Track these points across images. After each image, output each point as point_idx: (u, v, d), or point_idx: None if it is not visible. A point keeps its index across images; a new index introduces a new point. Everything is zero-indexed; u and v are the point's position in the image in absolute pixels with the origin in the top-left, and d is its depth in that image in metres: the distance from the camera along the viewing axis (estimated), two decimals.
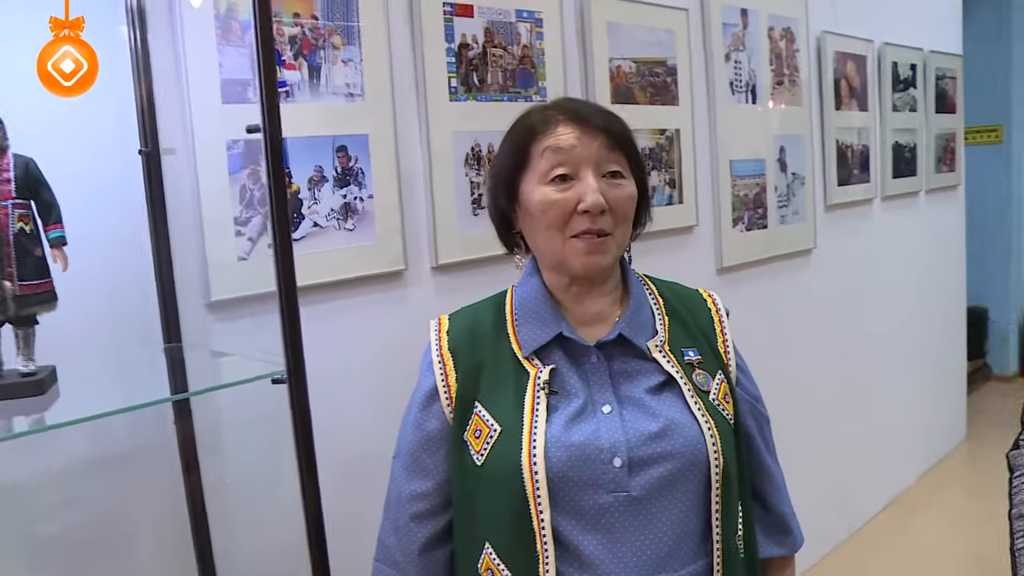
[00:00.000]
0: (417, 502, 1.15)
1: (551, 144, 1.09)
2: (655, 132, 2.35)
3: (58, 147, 1.26)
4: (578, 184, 1.08)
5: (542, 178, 1.10)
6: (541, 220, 1.10)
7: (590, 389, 1.08)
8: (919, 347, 3.89)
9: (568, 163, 1.09)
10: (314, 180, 1.62)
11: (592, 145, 1.09)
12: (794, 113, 2.93)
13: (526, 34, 2.00)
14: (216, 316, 1.50)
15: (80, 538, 1.35)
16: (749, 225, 2.71)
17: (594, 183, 1.08)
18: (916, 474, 3.90)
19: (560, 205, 1.08)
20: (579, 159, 1.09)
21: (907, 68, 3.70)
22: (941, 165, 4.05)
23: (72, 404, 1.14)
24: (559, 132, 1.10)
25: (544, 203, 1.09)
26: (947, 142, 4.11)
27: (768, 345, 2.82)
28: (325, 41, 1.63)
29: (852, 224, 3.34)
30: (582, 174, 1.09)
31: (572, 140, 1.09)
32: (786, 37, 2.88)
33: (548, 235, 1.10)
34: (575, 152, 1.09)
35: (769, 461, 1.23)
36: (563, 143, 1.09)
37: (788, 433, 2.93)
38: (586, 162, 1.09)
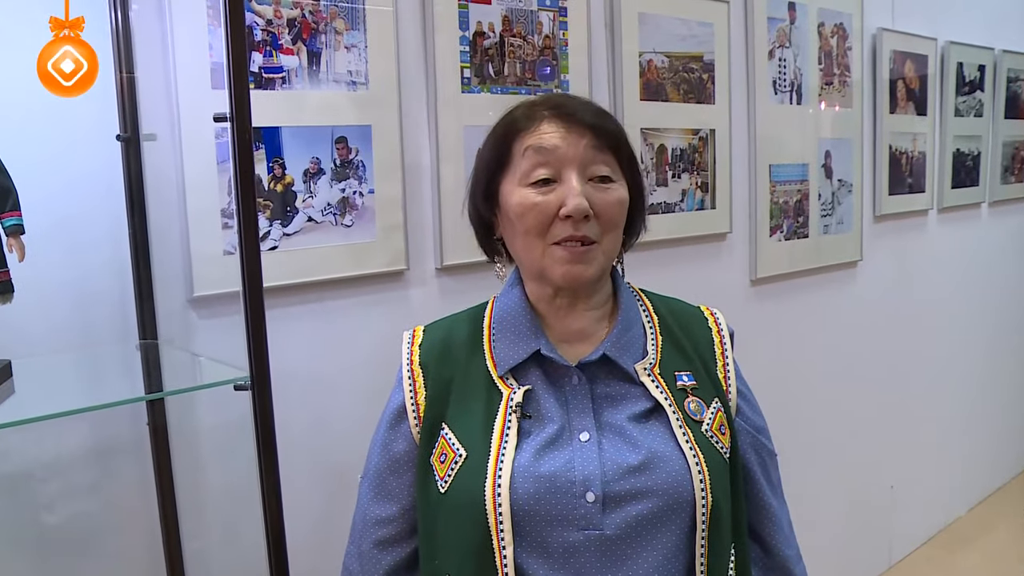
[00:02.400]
0: (382, 527, 1.10)
1: (533, 143, 1.03)
2: (687, 132, 2.27)
3: (30, 130, 1.24)
4: (560, 187, 1.02)
5: (522, 179, 1.03)
6: (519, 225, 1.03)
7: (568, 414, 1.02)
8: (975, 372, 3.73)
9: (551, 164, 1.02)
10: (310, 172, 1.58)
11: (578, 145, 1.03)
12: (843, 116, 2.81)
13: (548, 23, 1.93)
14: (199, 312, 1.47)
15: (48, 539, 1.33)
16: (788, 234, 2.60)
17: (577, 186, 1.01)
18: (967, 505, 3.75)
19: (540, 209, 1.01)
20: (563, 160, 1.02)
21: (974, 69, 3.54)
22: (1008, 175, 3.87)
23: (24, 402, 1.11)
24: (543, 130, 1.03)
25: (523, 206, 1.02)
26: (1016, 150, 3.92)
27: (805, 363, 2.72)
28: (327, 25, 1.59)
29: (904, 236, 3.20)
30: (565, 176, 1.02)
31: (556, 140, 1.02)
32: (838, 34, 2.76)
33: (527, 242, 1.04)
34: (558, 152, 1.02)
35: (771, 499, 1.14)
36: (546, 142, 1.02)
37: (825, 457, 2.89)
38: (571, 163, 1.02)
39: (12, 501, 1.29)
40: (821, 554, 2.76)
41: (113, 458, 1.38)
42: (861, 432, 3.02)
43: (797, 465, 2.62)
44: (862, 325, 3.00)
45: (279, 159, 1.53)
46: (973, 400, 3.74)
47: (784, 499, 1.18)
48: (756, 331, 2.50)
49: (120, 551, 1.39)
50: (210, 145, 1.44)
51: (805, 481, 2.66)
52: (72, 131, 1.30)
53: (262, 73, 1.50)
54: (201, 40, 1.43)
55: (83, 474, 1.35)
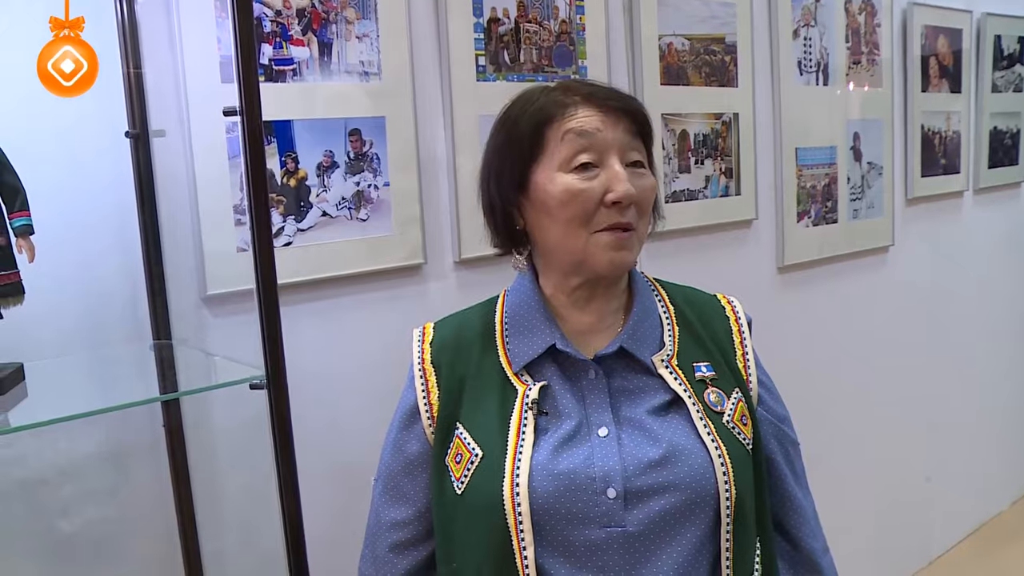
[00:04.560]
0: (397, 530, 1.09)
1: (574, 127, 1.02)
2: (710, 116, 2.25)
3: (38, 130, 1.25)
4: (604, 172, 1.01)
5: (563, 165, 1.02)
6: (561, 213, 1.02)
7: (586, 409, 1.01)
8: (1014, 358, 3.67)
9: (593, 148, 1.01)
10: (323, 166, 1.58)
11: (616, 129, 1.02)
12: (873, 96, 2.77)
13: (564, 8, 1.92)
14: (212, 311, 1.48)
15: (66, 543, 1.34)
16: (816, 220, 2.57)
17: (622, 171, 1.00)
18: (1010, 499, 3.70)
19: (585, 196, 1.00)
20: (604, 144, 1.01)
21: (1013, 41, 3.46)
22: None
23: (38, 405, 1.12)
24: (580, 114, 1.02)
25: (567, 193, 1.01)
26: None
27: (835, 353, 2.69)
28: (338, 15, 1.59)
29: (938, 219, 3.15)
30: (608, 161, 1.01)
31: (597, 123, 1.01)
32: (866, 10, 2.72)
33: (568, 231, 1.02)
34: (599, 136, 1.01)
35: (796, 490, 1.13)
36: (588, 126, 1.01)
37: (858, 449, 2.86)
38: (611, 148, 1.01)
39: (29, 505, 1.31)
40: (856, 549, 2.73)
41: (129, 460, 1.39)
42: (894, 423, 2.98)
43: (828, 459, 2.60)
44: (894, 312, 2.96)
45: (291, 153, 1.54)
46: (1012, 388, 3.68)
47: (809, 489, 1.17)
48: (784, 320, 2.47)
49: (138, 553, 1.41)
50: (221, 140, 1.45)
51: (837, 475, 2.64)
52: (80, 129, 1.31)
53: (272, 65, 1.51)
54: (209, 33, 1.43)
55: (99, 477, 1.37)
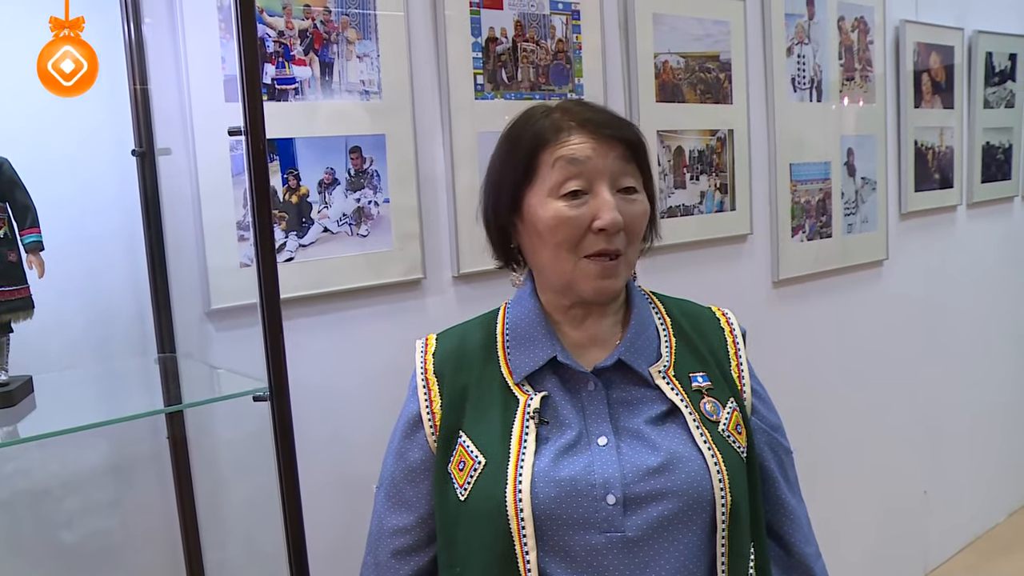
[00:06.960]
0: (399, 537, 1.13)
1: (564, 154, 1.05)
2: (705, 133, 2.29)
3: (46, 146, 1.29)
4: (593, 200, 1.04)
5: (552, 191, 1.05)
6: (550, 238, 1.06)
7: (585, 419, 1.05)
8: (1009, 371, 3.71)
9: (583, 175, 1.05)
10: (325, 183, 1.62)
11: (608, 157, 1.05)
12: (866, 112, 2.83)
13: (561, 27, 1.97)
14: (216, 325, 1.51)
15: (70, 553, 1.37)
16: (811, 234, 2.62)
17: (611, 199, 1.04)
18: (1005, 512, 3.73)
19: (573, 223, 1.04)
20: (594, 172, 1.05)
21: (1004, 58, 3.53)
22: None
23: (46, 417, 1.16)
24: (572, 141, 1.06)
25: (556, 220, 1.04)
26: None
27: (831, 366, 2.73)
28: (339, 35, 1.63)
29: (931, 234, 3.20)
30: (597, 188, 1.05)
31: (588, 151, 1.05)
32: (859, 28, 2.78)
33: (556, 255, 1.06)
34: (590, 164, 1.05)
35: (789, 497, 1.17)
36: (578, 153, 1.05)
37: (855, 462, 2.88)
38: (601, 175, 1.05)
39: (35, 515, 1.33)
40: (853, 562, 2.76)
41: (133, 472, 1.42)
42: (891, 436, 3.02)
43: (825, 471, 2.64)
44: (889, 325, 3.00)
45: (294, 170, 1.58)
46: (1008, 401, 3.72)
47: (802, 497, 1.21)
48: (779, 334, 2.51)
49: (141, 563, 1.43)
50: (225, 158, 1.49)
51: (834, 487, 2.67)
52: (88, 147, 1.35)
53: (275, 85, 1.55)
54: (214, 53, 1.47)
55: (104, 488, 1.40)
